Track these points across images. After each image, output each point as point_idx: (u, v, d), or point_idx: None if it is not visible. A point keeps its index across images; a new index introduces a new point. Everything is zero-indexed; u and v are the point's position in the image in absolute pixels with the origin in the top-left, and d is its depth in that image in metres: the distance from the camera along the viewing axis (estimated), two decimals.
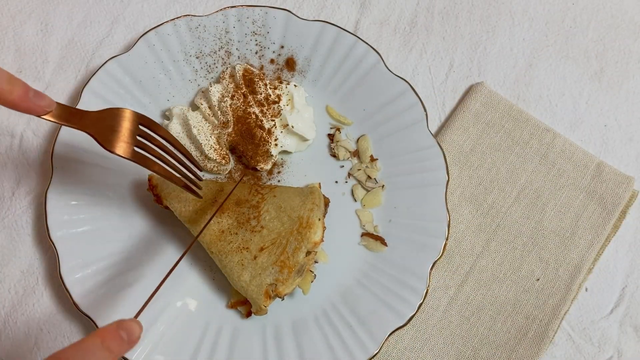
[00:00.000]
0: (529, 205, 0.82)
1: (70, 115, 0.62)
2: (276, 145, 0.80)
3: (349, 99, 0.84)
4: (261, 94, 0.80)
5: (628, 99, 0.89)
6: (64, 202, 0.77)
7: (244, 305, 0.75)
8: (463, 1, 0.93)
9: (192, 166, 0.72)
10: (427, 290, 0.75)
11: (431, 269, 0.76)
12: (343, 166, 0.83)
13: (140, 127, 0.66)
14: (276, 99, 0.81)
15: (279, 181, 0.82)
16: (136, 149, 0.64)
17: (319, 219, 0.73)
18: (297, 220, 0.73)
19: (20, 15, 0.89)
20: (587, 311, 0.80)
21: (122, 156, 0.63)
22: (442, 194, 0.78)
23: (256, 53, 0.85)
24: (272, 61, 0.85)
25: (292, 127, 0.80)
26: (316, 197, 0.75)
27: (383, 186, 0.81)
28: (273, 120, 0.80)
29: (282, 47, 0.85)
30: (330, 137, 0.84)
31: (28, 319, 0.77)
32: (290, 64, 0.85)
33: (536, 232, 0.81)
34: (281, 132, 0.80)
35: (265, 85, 0.81)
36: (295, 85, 0.83)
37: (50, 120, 0.61)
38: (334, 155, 0.83)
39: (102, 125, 0.63)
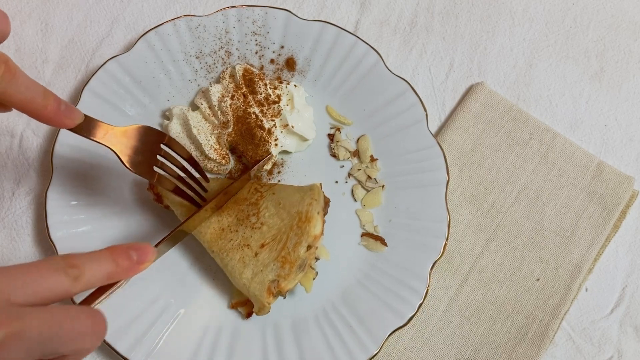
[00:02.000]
0: (529, 205, 0.82)
1: (97, 129, 0.63)
2: (276, 145, 0.80)
3: (349, 99, 0.84)
4: (261, 94, 0.80)
5: (628, 99, 0.89)
6: (64, 202, 0.77)
7: (245, 306, 0.75)
8: (463, 1, 0.93)
9: (203, 182, 0.74)
10: (427, 290, 0.75)
11: (431, 269, 0.76)
12: (343, 166, 0.83)
13: (162, 146, 0.68)
14: (276, 99, 0.81)
15: (279, 181, 0.82)
16: (155, 168, 0.66)
17: (318, 213, 0.73)
18: (296, 215, 0.72)
19: (20, 15, 0.89)
20: (587, 311, 0.80)
21: (144, 177, 0.65)
22: (442, 194, 0.78)
23: (256, 53, 0.85)
24: (272, 61, 0.85)
25: (292, 127, 0.80)
26: (315, 192, 0.74)
27: (383, 186, 0.81)
28: (273, 120, 0.80)
29: (282, 47, 0.85)
30: (330, 137, 0.83)
31: None
32: (290, 64, 0.85)
33: (536, 232, 0.81)
34: (281, 132, 0.80)
35: (265, 85, 0.81)
36: (295, 85, 0.83)
37: (77, 133, 0.62)
38: (334, 155, 0.83)
39: (126, 143, 0.65)
